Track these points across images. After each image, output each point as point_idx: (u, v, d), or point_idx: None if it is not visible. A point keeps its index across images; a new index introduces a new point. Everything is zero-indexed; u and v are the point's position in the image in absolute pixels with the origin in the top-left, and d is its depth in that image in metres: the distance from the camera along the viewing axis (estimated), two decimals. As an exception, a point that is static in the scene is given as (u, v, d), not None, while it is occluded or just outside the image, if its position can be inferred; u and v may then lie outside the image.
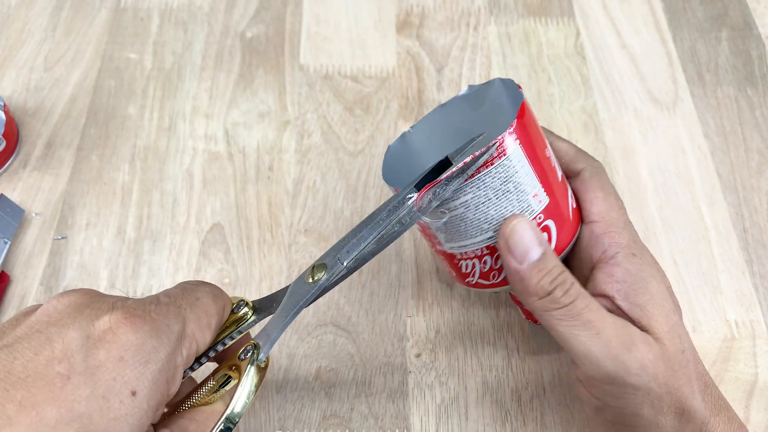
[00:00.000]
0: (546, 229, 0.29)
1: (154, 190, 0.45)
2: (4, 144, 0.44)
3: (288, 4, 0.53)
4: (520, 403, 0.37)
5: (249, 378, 0.26)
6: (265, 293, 0.41)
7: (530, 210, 0.29)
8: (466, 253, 0.31)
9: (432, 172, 0.29)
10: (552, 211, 0.29)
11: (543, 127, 0.33)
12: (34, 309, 0.24)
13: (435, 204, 0.27)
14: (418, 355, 0.39)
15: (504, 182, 0.28)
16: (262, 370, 0.27)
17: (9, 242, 0.41)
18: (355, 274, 0.41)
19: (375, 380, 0.38)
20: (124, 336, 0.22)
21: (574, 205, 0.31)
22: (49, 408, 0.20)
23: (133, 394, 0.22)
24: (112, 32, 0.52)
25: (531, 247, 0.27)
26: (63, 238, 0.42)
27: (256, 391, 0.26)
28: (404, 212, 0.27)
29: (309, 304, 0.28)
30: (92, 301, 0.23)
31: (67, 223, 0.43)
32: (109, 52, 0.51)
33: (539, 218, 0.29)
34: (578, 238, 0.31)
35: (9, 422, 0.19)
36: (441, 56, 0.51)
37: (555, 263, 0.27)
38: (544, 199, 0.29)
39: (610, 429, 0.28)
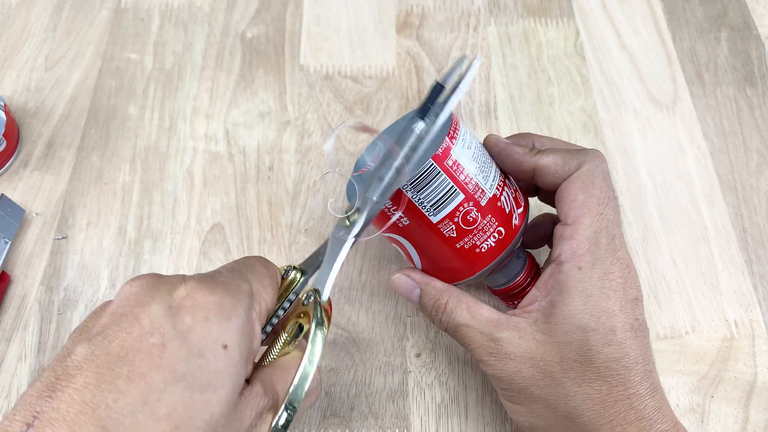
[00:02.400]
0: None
1: (155, 190, 0.45)
2: (4, 144, 0.44)
3: (288, 4, 0.54)
4: (519, 402, 0.37)
5: (319, 318, 0.27)
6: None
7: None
8: None
9: (428, 101, 0.31)
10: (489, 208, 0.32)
11: (528, 144, 0.34)
12: (109, 302, 0.25)
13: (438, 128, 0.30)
14: (418, 355, 0.39)
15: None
16: (328, 310, 0.28)
17: (9, 242, 0.41)
18: (355, 273, 0.41)
19: (375, 380, 0.38)
20: (203, 299, 0.24)
21: (502, 231, 0.32)
22: (155, 374, 0.21)
23: (225, 347, 0.23)
24: (113, 32, 0.52)
25: (408, 293, 0.34)
26: (63, 237, 0.43)
27: (328, 329, 0.27)
28: (413, 138, 0.30)
29: (356, 241, 0.30)
30: (162, 280, 0.25)
31: (68, 223, 0.43)
32: (109, 53, 0.51)
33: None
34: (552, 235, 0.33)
35: (122, 395, 0.21)
36: (441, 56, 0.51)
37: (431, 295, 0.33)
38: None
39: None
